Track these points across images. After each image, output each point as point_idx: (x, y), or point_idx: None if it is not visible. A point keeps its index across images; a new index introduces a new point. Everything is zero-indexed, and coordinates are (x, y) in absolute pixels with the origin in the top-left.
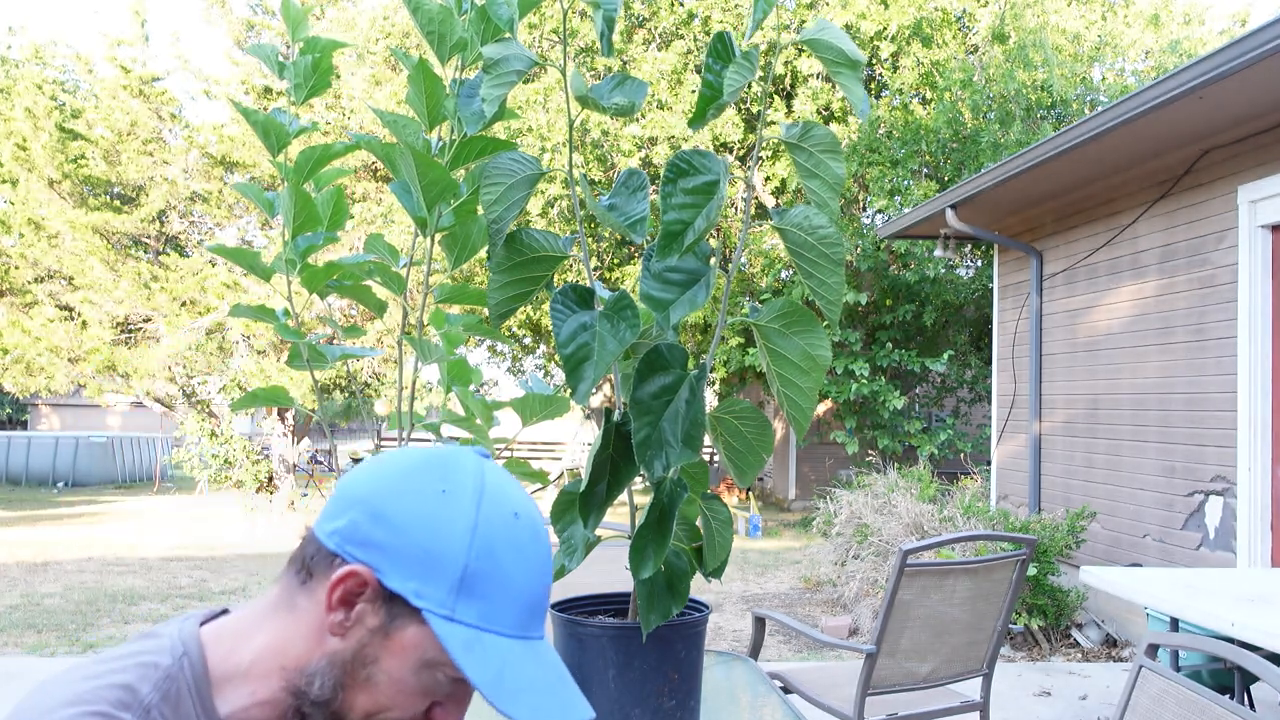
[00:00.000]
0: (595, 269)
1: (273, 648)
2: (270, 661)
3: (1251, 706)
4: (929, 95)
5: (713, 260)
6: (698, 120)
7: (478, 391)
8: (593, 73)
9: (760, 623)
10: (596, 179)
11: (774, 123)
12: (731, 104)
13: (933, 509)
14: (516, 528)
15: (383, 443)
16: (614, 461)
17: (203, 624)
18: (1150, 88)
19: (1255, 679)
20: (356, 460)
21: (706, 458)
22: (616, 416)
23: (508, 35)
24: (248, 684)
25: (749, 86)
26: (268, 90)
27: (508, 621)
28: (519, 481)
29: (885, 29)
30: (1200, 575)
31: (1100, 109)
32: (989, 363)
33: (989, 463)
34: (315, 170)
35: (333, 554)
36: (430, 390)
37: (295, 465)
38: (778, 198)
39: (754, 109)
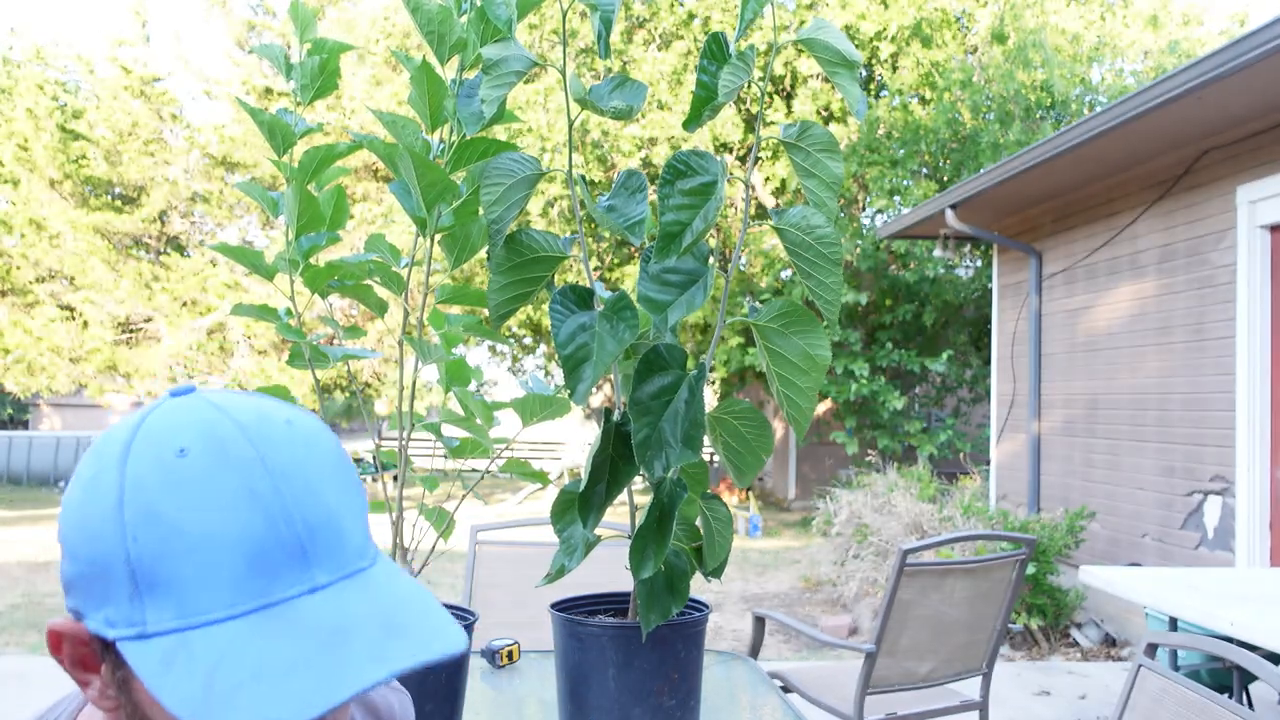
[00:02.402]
0: (595, 269)
1: None
2: None
3: (1250, 706)
4: (928, 95)
5: (711, 261)
6: (692, 122)
7: (478, 391)
8: (593, 73)
9: (760, 622)
10: (596, 179)
11: (773, 123)
12: (731, 104)
13: (932, 509)
14: (181, 467)
15: (383, 442)
16: (614, 461)
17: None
18: (1149, 88)
19: (1254, 678)
20: (357, 460)
21: (706, 458)
22: (616, 416)
23: (507, 36)
24: None
25: (748, 87)
26: (268, 90)
27: (218, 598)
28: (253, 403)
29: (885, 29)
30: (1199, 575)
31: (1099, 109)
32: (989, 363)
33: (988, 462)
34: (320, 170)
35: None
36: (430, 390)
37: None
38: (777, 198)
39: (754, 109)
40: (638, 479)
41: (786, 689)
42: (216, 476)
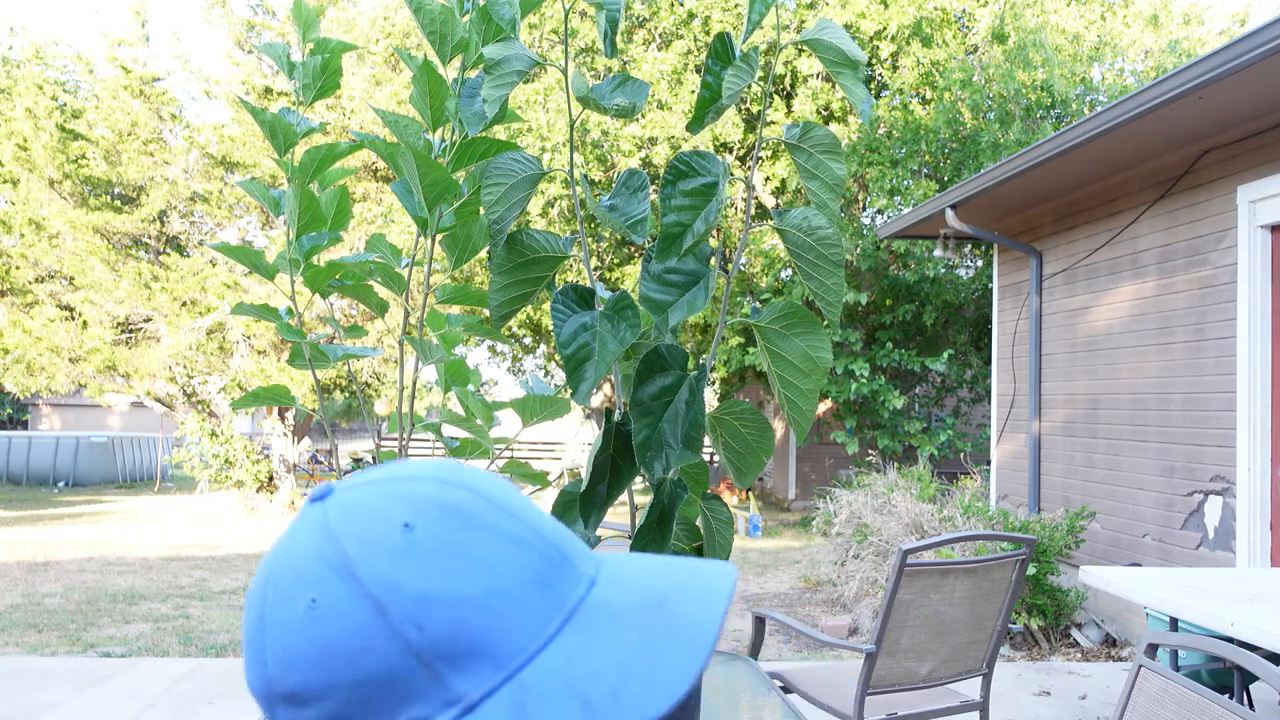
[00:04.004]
0: (595, 269)
1: None
2: None
3: (1251, 706)
4: (929, 95)
5: (713, 261)
6: (697, 123)
7: (478, 392)
8: (593, 73)
9: (760, 622)
10: (596, 179)
11: (774, 123)
12: (731, 105)
13: (932, 509)
14: (419, 541)
15: (383, 442)
16: (614, 462)
17: None
18: (1150, 88)
19: (1254, 678)
20: (357, 461)
21: (706, 458)
22: (616, 417)
23: (509, 35)
24: None
25: (749, 87)
26: (268, 90)
27: (526, 634)
28: (399, 468)
29: (885, 29)
30: (1200, 575)
31: (1100, 109)
32: (989, 363)
33: (989, 462)
34: (321, 170)
35: None
36: (430, 390)
37: (296, 465)
38: (778, 198)
39: (754, 109)
40: (638, 479)
41: (786, 689)
42: (455, 530)
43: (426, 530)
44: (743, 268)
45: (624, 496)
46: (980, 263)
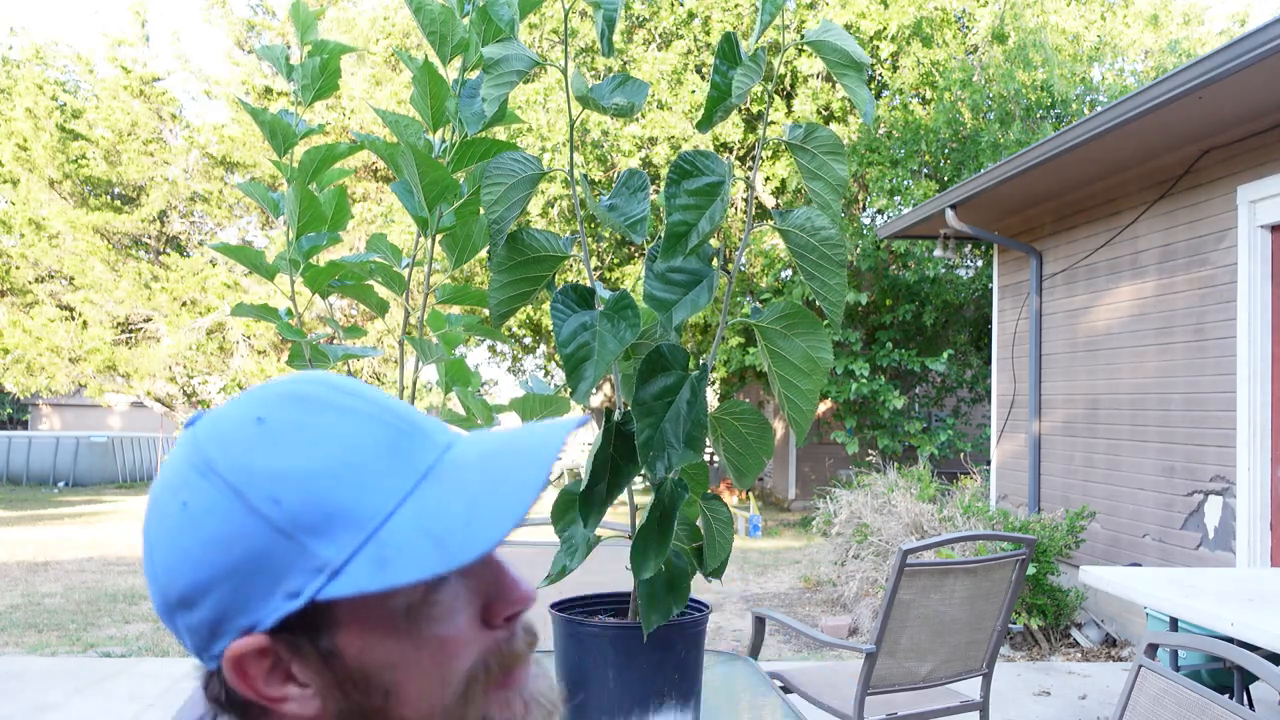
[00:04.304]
0: (595, 269)
1: None
2: None
3: (1251, 706)
4: (929, 95)
5: (714, 261)
6: (706, 122)
7: (478, 392)
8: (593, 73)
9: (760, 622)
10: (596, 179)
11: (774, 123)
12: (739, 104)
13: (932, 509)
14: (271, 429)
15: None
16: (614, 461)
17: None
18: (1150, 88)
19: (1255, 678)
20: None
21: (706, 458)
22: (617, 416)
23: (509, 35)
24: None
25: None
26: (268, 91)
27: (382, 496)
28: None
29: (885, 29)
30: (1200, 575)
31: (1100, 109)
32: (989, 363)
33: (989, 463)
34: (320, 171)
35: (219, 670)
36: (430, 390)
37: None
38: (778, 198)
39: (755, 109)
40: (638, 479)
41: (786, 689)
42: (308, 414)
43: (277, 419)
44: (743, 268)
45: (624, 496)
46: (980, 263)
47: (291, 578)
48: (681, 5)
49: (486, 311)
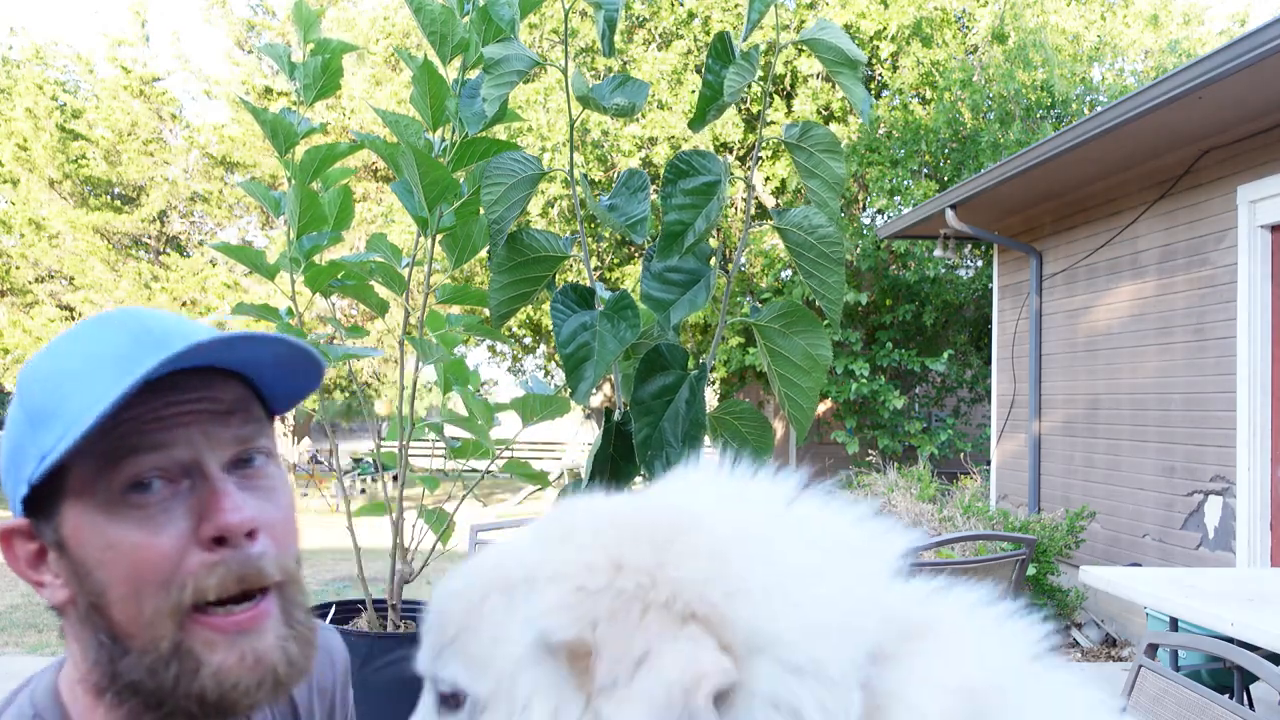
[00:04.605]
0: (595, 269)
1: (70, 677)
2: (76, 689)
3: (1251, 706)
4: (929, 95)
5: (713, 260)
6: (698, 122)
7: (478, 392)
8: (593, 73)
9: None
10: (596, 179)
11: (774, 123)
12: (733, 103)
13: (933, 509)
14: (44, 353)
15: (383, 442)
16: (614, 461)
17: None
18: (1150, 88)
19: (1255, 678)
20: (357, 460)
21: None
22: (617, 416)
23: (509, 36)
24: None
25: (749, 86)
26: (268, 90)
27: (88, 395)
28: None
29: (885, 29)
30: (1200, 575)
31: (1100, 109)
32: (989, 363)
33: (989, 462)
34: (321, 170)
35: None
36: (430, 390)
37: (295, 465)
38: (778, 197)
39: (754, 109)
40: (638, 478)
41: None
42: (85, 329)
43: (66, 333)
44: (743, 267)
45: None
46: (980, 263)
47: (30, 463)
48: (681, 5)
49: (486, 311)
